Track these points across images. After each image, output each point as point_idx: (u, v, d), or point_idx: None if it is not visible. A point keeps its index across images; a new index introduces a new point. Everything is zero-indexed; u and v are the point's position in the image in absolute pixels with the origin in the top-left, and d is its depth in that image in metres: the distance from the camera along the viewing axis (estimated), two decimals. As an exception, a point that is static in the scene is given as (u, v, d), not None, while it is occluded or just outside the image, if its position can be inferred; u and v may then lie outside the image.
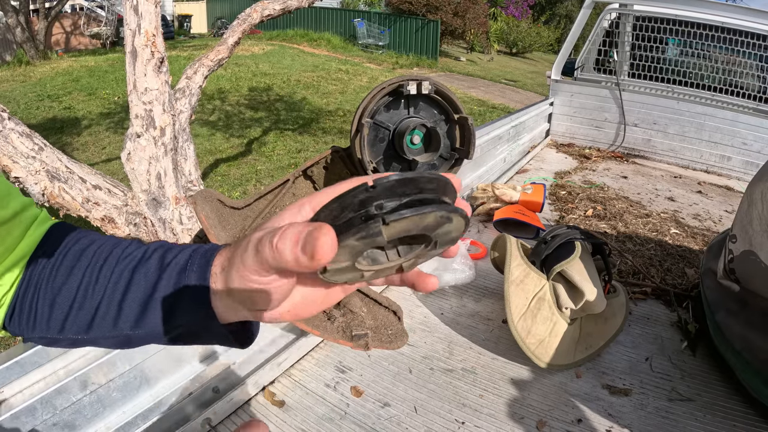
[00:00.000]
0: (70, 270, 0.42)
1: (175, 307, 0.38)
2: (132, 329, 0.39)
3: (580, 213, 2.19)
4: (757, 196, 1.06)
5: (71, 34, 12.34)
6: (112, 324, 0.39)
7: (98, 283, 0.41)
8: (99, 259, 0.42)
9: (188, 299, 0.37)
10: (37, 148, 1.63)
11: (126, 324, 0.39)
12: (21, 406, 0.69)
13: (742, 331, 1.08)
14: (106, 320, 0.40)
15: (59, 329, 0.41)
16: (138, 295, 0.39)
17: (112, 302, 0.40)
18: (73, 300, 0.41)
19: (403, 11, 13.56)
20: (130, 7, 1.73)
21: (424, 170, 0.24)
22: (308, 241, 0.24)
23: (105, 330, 0.40)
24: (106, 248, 0.43)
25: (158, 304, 0.38)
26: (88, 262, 0.42)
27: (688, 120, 3.00)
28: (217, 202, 0.90)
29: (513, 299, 1.20)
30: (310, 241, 0.24)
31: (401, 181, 0.25)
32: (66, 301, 0.41)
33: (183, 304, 0.37)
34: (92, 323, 0.40)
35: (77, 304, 0.41)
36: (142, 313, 0.39)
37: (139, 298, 0.39)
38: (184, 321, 0.38)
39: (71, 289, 0.41)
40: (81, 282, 0.41)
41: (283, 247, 0.25)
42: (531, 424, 1.04)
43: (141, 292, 0.39)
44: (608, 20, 3.20)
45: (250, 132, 6.07)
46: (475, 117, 7.36)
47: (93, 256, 0.43)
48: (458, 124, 0.86)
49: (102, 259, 0.42)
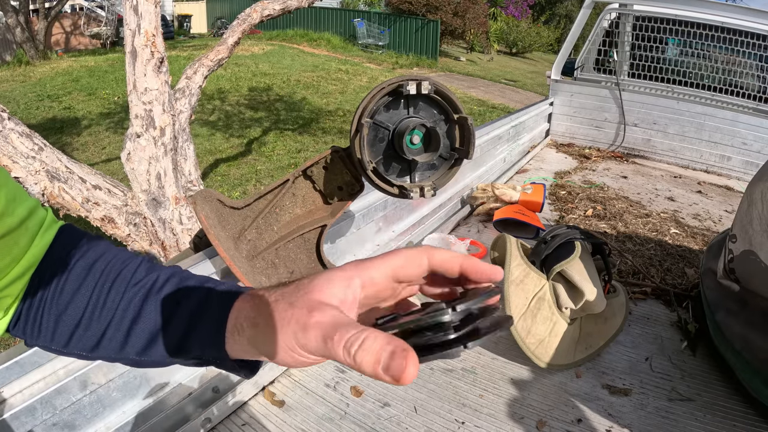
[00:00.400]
0: (76, 288, 0.41)
1: (185, 345, 0.37)
2: (138, 356, 0.39)
3: (580, 213, 2.19)
4: (757, 196, 1.06)
5: (71, 34, 12.34)
6: (118, 348, 0.40)
7: (105, 307, 0.40)
8: (107, 280, 0.42)
9: (200, 342, 0.36)
10: (36, 148, 1.63)
11: (132, 351, 0.39)
12: (21, 406, 0.69)
13: (742, 331, 1.08)
14: (113, 344, 0.40)
15: (64, 344, 0.41)
16: (147, 327, 0.38)
17: (120, 329, 0.39)
18: (79, 320, 0.41)
19: (403, 11, 13.56)
20: (130, 7, 1.73)
21: (481, 299, 0.28)
22: (392, 366, 0.24)
23: (111, 352, 0.40)
24: (114, 267, 0.43)
25: (169, 340, 0.38)
26: (95, 282, 0.42)
27: (688, 120, 3.00)
28: (217, 202, 0.90)
29: (513, 299, 1.20)
30: (394, 367, 0.24)
31: (471, 313, 0.29)
32: (72, 320, 0.41)
33: (194, 344, 0.37)
34: (98, 345, 0.40)
35: (83, 325, 0.40)
36: (149, 344, 0.38)
37: (149, 330, 0.38)
38: (194, 356, 0.38)
39: (78, 309, 0.41)
40: (88, 303, 0.41)
41: (362, 360, 0.25)
42: (531, 424, 1.04)
43: (150, 325, 0.38)
44: (608, 20, 3.20)
45: (249, 132, 6.08)
46: (475, 117, 7.36)
47: (100, 275, 0.42)
48: (458, 124, 0.86)
49: (110, 281, 0.41)
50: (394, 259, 0.31)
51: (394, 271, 0.31)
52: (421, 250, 0.32)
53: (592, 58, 3.41)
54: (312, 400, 1.08)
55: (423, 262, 0.32)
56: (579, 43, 3.51)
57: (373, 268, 0.30)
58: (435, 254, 0.32)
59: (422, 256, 0.32)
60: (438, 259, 0.32)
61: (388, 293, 0.33)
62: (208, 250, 0.97)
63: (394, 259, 0.31)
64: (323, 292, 0.29)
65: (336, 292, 0.29)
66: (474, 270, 0.32)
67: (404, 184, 0.88)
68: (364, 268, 0.30)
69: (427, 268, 0.32)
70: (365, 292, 0.30)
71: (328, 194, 0.97)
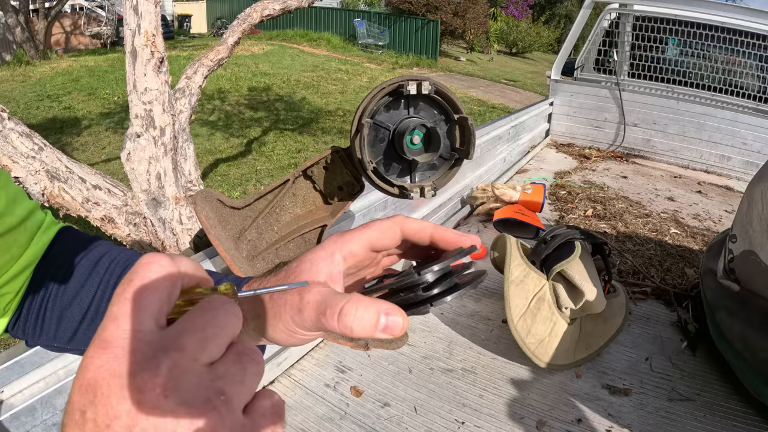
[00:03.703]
0: (81, 284, 0.42)
1: None
2: None
3: (580, 213, 2.19)
4: (757, 196, 1.06)
5: (71, 34, 12.33)
6: None
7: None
8: (112, 276, 0.42)
9: None
10: (36, 148, 1.63)
11: None
12: (21, 406, 0.69)
13: (742, 331, 1.08)
14: None
15: (67, 340, 0.42)
16: None
17: None
18: (84, 315, 0.41)
19: (403, 11, 13.56)
20: (130, 7, 1.73)
21: (453, 257, 0.31)
22: (391, 325, 0.27)
23: None
24: (119, 263, 0.43)
25: None
26: (99, 277, 0.42)
27: (688, 120, 3.00)
28: (217, 202, 0.90)
29: (513, 299, 1.20)
30: (392, 326, 0.27)
31: (440, 274, 0.33)
32: (76, 315, 0.41)
33: None
34: None
35: (88, 320, 0.41)
36: None
37: None
38: None
39: (82, 304, 0.41)
40: (93, 298, 0.41)
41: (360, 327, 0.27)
42: (531, 423, 1.04)
43: None
44: (608, 20, 3.20)
45: (249, 132, 6.07)
46: (475, 117, 7.36)
47: (105, 271, 0.43)
48: (458, 124, 0.86)
49: (115, 276, 0.42)
50: (370, 231, 0.33)
51: (370, 242, 0.33)
52: (394, 221, 0.34)
53: (592, 58, 3.41)
54: (312, 400, 1.08)
55: (396, 231, 0.34)
56: (579, 43, 3.51)
57: (351, 242, 0.33)
58: (407, 224, 0.34)
59: (395, 227, 0.34)
60: (409, 229, 0.35)
61: (369, 262, 0.36)
62: (208, 250, 0.97)
63: (370, 231, 0.33)
64: (310, 272, 0.31)
65: (321, 269, 0.31)
66: (441, 239, 0.35)
67: (404, 184, 0.87)
68: (344, 242, 0.33)
69: (400, 237, 0.35)
70: (347, 263, 0.33)
71: (328, 194, 0.97)
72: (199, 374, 0.21)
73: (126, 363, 0.20)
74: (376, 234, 0.33)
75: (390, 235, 0.34)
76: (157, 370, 0.20)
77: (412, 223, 0.34)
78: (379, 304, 0.28)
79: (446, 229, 0.35)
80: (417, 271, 0.31)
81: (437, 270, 0.31)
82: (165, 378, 0.20)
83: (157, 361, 0.20)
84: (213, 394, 0.21)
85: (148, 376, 0.20)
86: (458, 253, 0.34)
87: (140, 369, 0.20)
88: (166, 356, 0.21)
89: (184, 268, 0.25)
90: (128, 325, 0.21)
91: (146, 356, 0.21)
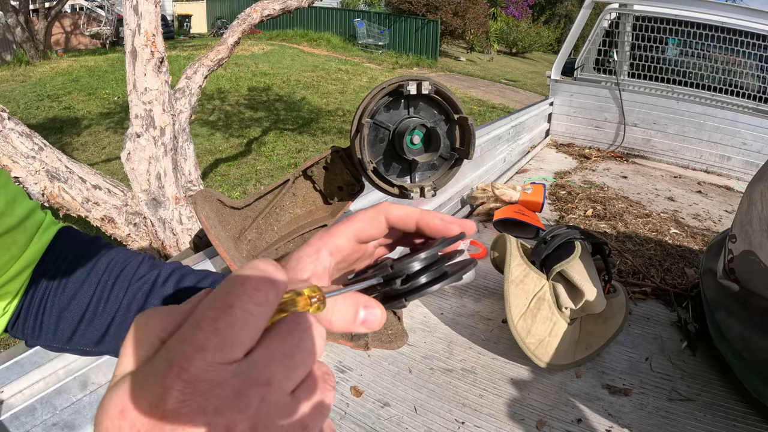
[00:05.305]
0: (79, 284, 0.42)
1: None
2: None
3: (580, 213, 2.19)
4: (757, 196, 1.06)
5: (71, 34, 12.33)
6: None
7: (109, 302, 0.41)
8: (110, 276, 0.42)
9: None
10: (36, 148, 1.63)
11: None
12: (21, 406, 0.69)
13: (742, 331, 1.08)
14: (117, 338, 0.40)
15: (67, 340, 0.42)
16: None
17: (125, 323, 0.40)
18: (82, 315, 0.41)
19: (403, 11, 13.56)
20: (130, 7, 1.73)
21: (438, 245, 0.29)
22: (370, 319, 0.27)
23: (115, 346, 0.41)
24: (117, 264, 0.43)
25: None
26: (98, 278, 0.42)
27: (688, 120, 3.00)
28: (217, 202, 0.90)
29: (513, 299, 1.20)
30: (371, 320, 0.27)
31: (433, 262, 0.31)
32: (75, 315, 0.41)
33: None
34: (102, 339, 0.41)
35: (87, 320, 0.41)
36: None
37: None
38: None
39: (81, 305, 0.41)
40: (91, 298, 0.41)
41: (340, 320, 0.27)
42: (531, 424, 1.04)
43: None
44: (608, 20, 3.20)
45: (249, 132, 6.07)
46: (475, 117, 7.36)
47: (104, 272, 0.43)
48: (458, 124, 0.86)
49: (114, 277, 0.42)
50: (353, 223, 0.32)
51: (356, 234, 0.32)
52: (378, 210, 0.33)
53: (592, 58, 3.41)
54: (312, 400, 1.08)
55: (381, 220, 0.33)
56: (579, 43, 3.51)
57: (336, 236, 0.32)
58: (391, 211, 0.33)
59: (380, 216, 0.33)
60: (394, 216, 0.33)
61: (360, 254, 0.35)
62: (208, 250, 0.97)
63: (353, 223, 0.32)
64: (295, 270, 0.30)
65: (306, 266, 0.30)
66: (426, 226, 0.33)
67: (404, 184, 0.87)
68: (329, 238, 0.32)
69: (386, 225, 0.33)
70: (334, 259, 0.32)
71: (328, 194, 0.97)
72: (285, 409, 0.21)
73: (213, 400, 0.19)
74: (360, 225, 0.32)
75: (375, 224, 0.33)
76: (246, 407, 0.19)
77: (397, 209, 0.33)
78: (358, 297, 0.27)
79: (434, 214, 0.33)
80: (391, 264, 0.30)
81: (413, 262, 0.30)
82: (254, 416, 0.19)
83: (246, 397, 0.19)
84: (298, 431, 0.21)
85: (238, 416, 0.19)
86: (441, 242, 0.32)
87: (229, 407, 0.19)
88: (255, 391, 0.20)
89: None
90: (216, 358, 0.20)
91: (235, 391, 0.19)
